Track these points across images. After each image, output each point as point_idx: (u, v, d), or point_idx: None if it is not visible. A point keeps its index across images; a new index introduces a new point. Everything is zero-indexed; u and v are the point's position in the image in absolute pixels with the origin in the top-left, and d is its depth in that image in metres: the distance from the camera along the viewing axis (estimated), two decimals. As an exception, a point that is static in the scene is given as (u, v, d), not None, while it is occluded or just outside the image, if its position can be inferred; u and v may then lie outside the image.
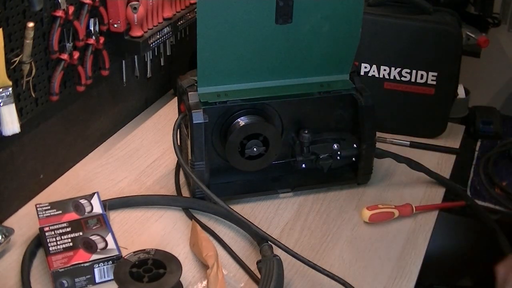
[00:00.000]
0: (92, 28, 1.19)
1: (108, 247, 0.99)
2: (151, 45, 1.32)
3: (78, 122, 1.28)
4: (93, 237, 1.00)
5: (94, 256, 0.97)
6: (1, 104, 1.01)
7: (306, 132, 1.15)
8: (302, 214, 1.14)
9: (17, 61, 1.04)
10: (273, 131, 1.13)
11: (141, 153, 1.31)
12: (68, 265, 0.95)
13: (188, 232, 1.08)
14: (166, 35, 1.37)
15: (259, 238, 1.03)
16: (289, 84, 1.15)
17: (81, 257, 0.97)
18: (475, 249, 1.44)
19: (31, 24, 1.03)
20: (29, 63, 1.05)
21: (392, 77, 1.35)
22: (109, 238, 1.01)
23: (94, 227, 1.03)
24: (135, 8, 1.25)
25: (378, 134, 1.21)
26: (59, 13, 1.09)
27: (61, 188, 1.20)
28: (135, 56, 1.38)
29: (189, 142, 1.11)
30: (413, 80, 1.34)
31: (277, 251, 0.99)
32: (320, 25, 1.10)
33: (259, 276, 0.96)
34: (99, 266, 0.97)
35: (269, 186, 1.19)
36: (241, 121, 1.12)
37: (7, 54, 1.00)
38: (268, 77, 1.13)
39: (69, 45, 1.14)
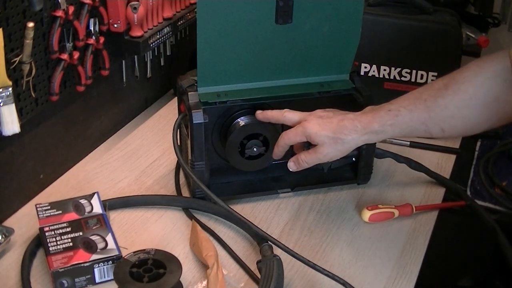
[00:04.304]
0: (92, 28, 1.19)
1: (108, 247, 0.99)
2: (151, 45, 1.32)
3: (78, 122, 1.28)
4: (93, 237, 1.00)
5: (94, 256, 0.97)
6: (1, 104, 1.01)
7: (306, 132, 1.15)
8: (302, 214, 1.14)
9: (17, 61, 1.04)
10: (273, 131, 1.13)
11: (141, 153, 1.31)
12: (68, 265, 0.95)
13: (188, 232, 1.08)
14: (166, 35, 1.37)
15: (259, 238, 1.03)
16: (289, 84, 1.15)
17: (81, 257, 0.97)
18: (475, 249, 1.44)
19: (31, 24, 1.03)
20: (29, 63, 1.05)
21: (392, 77, 1.35)
22: (109, 238, 1.01)
23: (94, 227, 1.03)
24: (135, 8, 1.25)
25: (378, 134, 1.21)
26: (59, 13, 1.09)
27: (61, 188, 1.20)
28: (135, 56, 1.38)
29: (189, 142, 1.11)
30: (413, 80, 1.34)
31: (277, 251, 0.99)
32: (320, 25, 1.10)
33: (259, 276, 0.96)
34: (99, 266, 0.97)
35: (269, 186, 1.19)
36: (241, 121, 1.12)
37: (7, 54, 1.00)
38: (268, 77, 1.13)
39: (69, 45, 1.14)
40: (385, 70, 1.35)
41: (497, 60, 0.89)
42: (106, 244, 0.99)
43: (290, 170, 1.06)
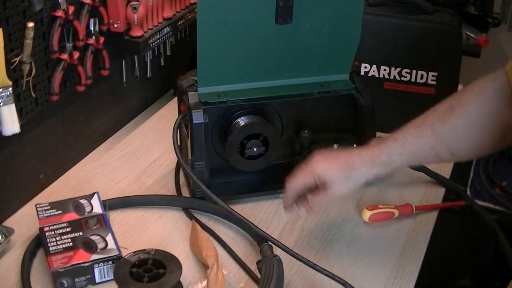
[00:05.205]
0: (92, 28, 1.19)
1: (108, 247, 0.99)
2: (151, 45, 1.32)
3: (78, 122, 1.28)
4: (93, 237, 1.00)
5: (94, 256, 0.97)
6: (1, 104, 1.01)
7: (306, 132, 1.15)
8: (302, 214, 1.14)
9: (17, 61, 1.04)
10: (273, 131, 1.13)
11: (141, 153, 1.31)
12: (68, 265, 0.95)
13: (188, 232, 1.08)
14: (166, 35, 1.37)
15: (259, 238, 1.03)
16: (289, 84, 1.15)
17: (81, 257, 0.97)
18: (475, 249, 1.44)
19: (31, 24, 1.03)
20: (29, 63, 1.05)
21: (392, 77, 1.35)
22: (109, 238, 1.01)
23: (94, 227, 1.03)
24: (135, 8, 1.25)
25: (378, 134, 1.21)
26: (59, 13, 1.09)
27: (61, 188, 1.20)
28: (135, 56, 1.38)
29: (189, 142, 1.11)
30: (413, 80, 1.34)
31: (277, 251, 0.99)
32: (320, 25, 1.10)
33: (259, 276, 0.96)
34: (99, 266, 0.97)
35: (269, 186, 1.19)
36: (241, 121, 1.12)
37: (7, 54, 1.00)
38: (268, 77, 1.13)
39: (69, 45, 1.14)
40: (385, 70, 1.35)
41: (496, 79, 0.90)
42: (106, 244, 0.99)
43: (303, 217, 1.01)
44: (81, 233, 1.01)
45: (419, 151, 0.93)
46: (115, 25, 1.25)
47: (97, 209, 1.07)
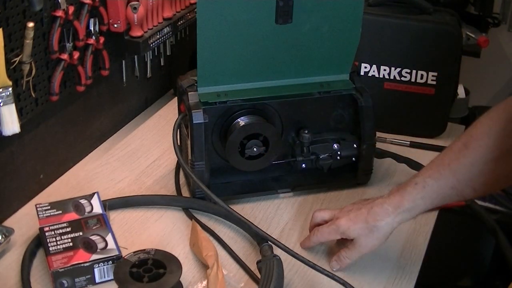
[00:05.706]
0: (92, 28, 1.19)
1: (108, 247, 0.99)
2: (151, 45, 1.32)
3: (78, 122, 1.28)
4: (93, 237, 1.00)
5: (94, 256, 0.97)
6: (1, 104, 1.01)
7: (306, 132, 1.15)
8: (302, 214, 1.14)
9: (17, 61, 1.04)
10: (273, 131, 1.13)
11: (141, 153, 1.31)
12: (68, 265, 0.95)
13: (188, 232, 1.08)
14: (166, 35, 1.37)
15: (259, 238, 1.03)
16: (289, 84, 1.15)
17: (81, 257, 0.97)
18: (475, 249, 1.44)
19: (31, 24, 1.03)
20: (29, 63, 1.05)
21: (392, 77, 1.35)
22: (109, 238, 1.01)
23: (94, 227, 1.03)
24: (135, 8, 1.25)
25: (378, 134, 1.21)
26: (59, 13, 1.09)
27: (61, 188, 1.20)
28: (135, 56, 1.38)
29: (189, 142, 1.11)
30: (413, 80, 1.34)
31: (277, 251, 0.99)
32: (320, 25, 1.10)
33: (259, 276, 0.96)
34: (99, 266, 0.97)
35: (269, 186, 1.19)
36: (241, 121, 1.12)
37: (7, 54, 1.00)
38: (268, 77, 1.13)
39: (69, 45, 1.14)
40: (385, 70, 1.35)
41: (505, 109, 0.89)
42: (106, 244, 0.99)
43: (334, 270, 1.01)
44: (81, 233, 1.01)
45: (440, 192, 0.93)
46: (115, 25, 1.25)
47: (97, 209, 1.07)
